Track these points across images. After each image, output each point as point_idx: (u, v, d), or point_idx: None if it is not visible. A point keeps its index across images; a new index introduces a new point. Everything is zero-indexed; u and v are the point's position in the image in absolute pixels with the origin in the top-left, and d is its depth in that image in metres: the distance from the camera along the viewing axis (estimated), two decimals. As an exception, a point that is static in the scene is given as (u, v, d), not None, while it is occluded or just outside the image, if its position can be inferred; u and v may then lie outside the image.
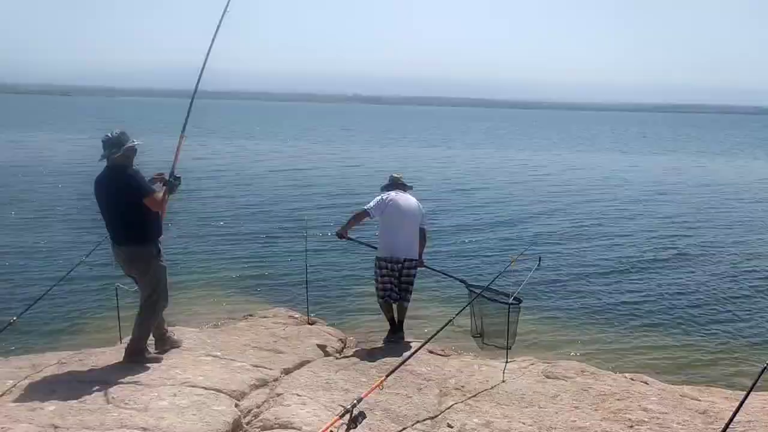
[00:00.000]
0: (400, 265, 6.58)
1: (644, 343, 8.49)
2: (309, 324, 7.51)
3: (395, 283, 6.65)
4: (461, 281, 7.11)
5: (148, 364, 5.39)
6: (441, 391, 5.36)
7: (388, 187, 6.86)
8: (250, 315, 7.92)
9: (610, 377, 5.81)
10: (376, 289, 6.76)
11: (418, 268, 6.81)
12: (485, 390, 5.38)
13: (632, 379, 5.92)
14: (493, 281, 6.30)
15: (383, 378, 4.35)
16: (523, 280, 6.58)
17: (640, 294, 10.67)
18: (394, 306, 6.79)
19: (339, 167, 29.75)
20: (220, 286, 10.53)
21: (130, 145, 5.25)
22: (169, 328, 6.04)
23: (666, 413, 4.93)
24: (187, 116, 5.69)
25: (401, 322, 6.89)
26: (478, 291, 6.43)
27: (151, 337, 5.71)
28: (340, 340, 7.13)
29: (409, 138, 55.00)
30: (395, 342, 6.76)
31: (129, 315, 8.03)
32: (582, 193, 23.21)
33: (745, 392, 5.80)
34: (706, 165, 36.85)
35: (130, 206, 5.21)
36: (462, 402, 5.10)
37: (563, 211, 19.03)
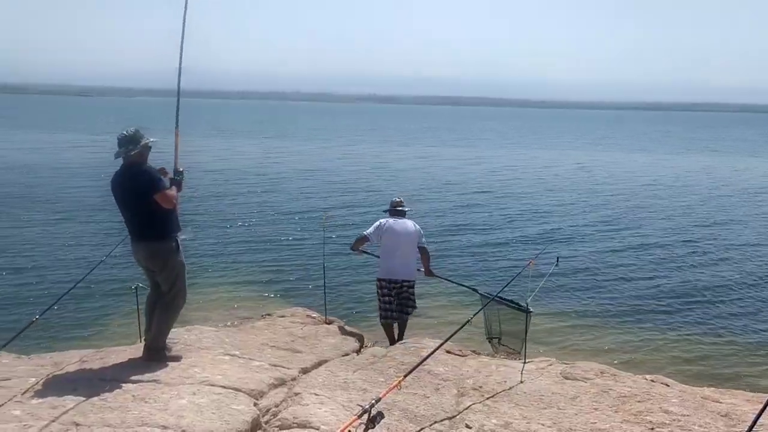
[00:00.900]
0: (398, 286, 7.22)
1: (663, 344, 8.42)
2: (326, 323, 7.53)
3: (394, 302, 7.26)
4: (473, 289, 7.81)
5: (167, 363, 5.43)
6: (459, 391, 5.34)
7: (388, 212, 7.45)
8: (268, 314, 7.95)
9: (630, 379, 5.75)
10: (378, 308, 7.41)
11: (434, 278, 7.57)
12: (503, 390, 5.35)
13: (652, 381, 5.85)
14: (510, 282, 6.30)
15: (401, 378, 4.35)
16: (541, 281, 6.55)
17: (658, 294, 10.59)
18: (395, 325, 7.40)
19: (359, 167, 29.79)
20: (238, 285, 10.60)
21: (145, 142, 5.29)
22: (173, 341, 5.88)
23: (687, 415, 4.88)
24: (177, 112, 5.63)
25: (401, 335, 7.39)
26: (490, 296, 6.78)
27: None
28: (358, 339, 7.13)
29: (429, 138, 54.80)
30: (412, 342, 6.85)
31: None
32: (601, 192, 23.11)
33: None
34: (731, 164, 36.31)
35: (145, 203, 5.20)
36: (480, 402, 5.08)
37: (582, 210, 18.95)
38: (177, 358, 5.57)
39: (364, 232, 7.31)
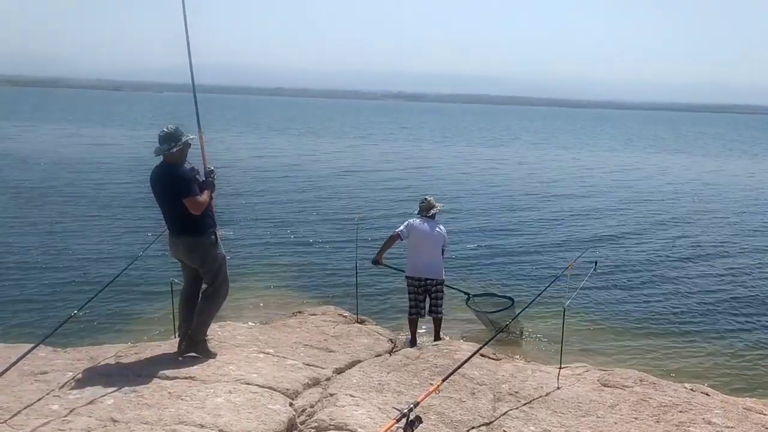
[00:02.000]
0: (423, 283, 7.53)
1: (701, 352, 8.22)
2: (358, 323, 7.50)
3: (422, 300, 7.60)
4: (464, 293, 8.90)
5: (204, 358, 5.45)
6: (494, 396, 5.26)
7: (419, 212, 7.70)
8: (299, 312, 7.94)
9: (671, 387, 5.60)
10: (408, 306, 7.75)
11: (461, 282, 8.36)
12: (540, 396, 5.26)
13: (692, 390, 5.71)
14: (548, 286, 6.24)
15: (440, 382, 4.29)
16: (579, 284, 6.44)
17: (697, 301, 10.35)
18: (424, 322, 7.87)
19: (394, 165, 29.70)
20: (269, 282, 10.62)
21: (186, 139, 5.33)
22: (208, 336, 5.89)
23: (732, 428, 4.75)
24: (197, 115, 5.66)
25: (436, 334, 7.73)
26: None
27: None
28: (390, 340, 7.09)
29: (464, 138, 54.43)
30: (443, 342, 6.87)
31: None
32: (644, 195, 22.62)
33: (814, 408, 5.60)
34: None
35: (180, 202, 5.24)
36: (517, 408, 4.99)
37: (623, 214, 18.62)
38: (213, 354, 5.60)
39: (396, 230, 7.57)
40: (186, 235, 5.40)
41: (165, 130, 5.30)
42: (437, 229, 7.55)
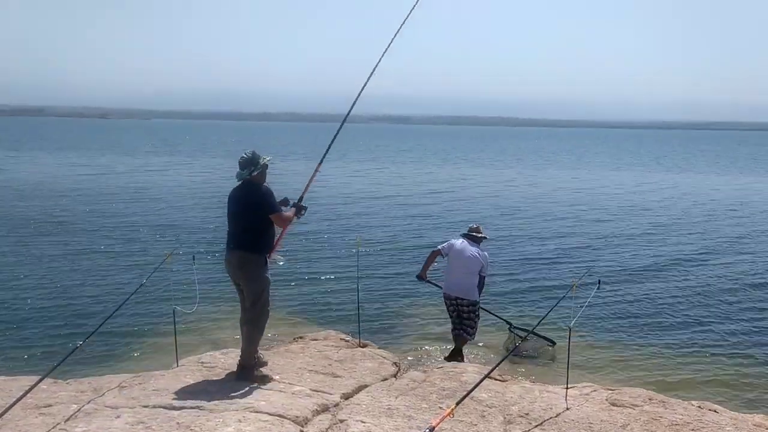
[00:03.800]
0: (455, 302, 7.87)
1: (707, 369, 8.20)
2: (361, 347, 7.45)
3: (455, 316, 7.93)
4: (507, 322, 8.93)
5: (229, 384, 5.48)
6: (505, 418, 5.23)
7: (464, 235, 8.12)
8: (300, 337, 7.88)
9: (681, 405, 5.59)
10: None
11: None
12: (550, 418, 5.23)
13: (701, 408, 5.70)
14: (553, 308, 6.25)
15: (453, 406, 4.26)
16: (583, 304, 6.45)
17: (700, 316, 10.35)
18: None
19: (394, 186, 29.65)
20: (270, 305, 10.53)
21: (264, 162, 5.72)
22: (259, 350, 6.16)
23: (744, 445, 4.73)
24: (328, 148, 6.52)
25: (454, 351, 7.93)
26: (522, 333, 8.26)
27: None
28: (395, 363, 7.02)
29: (459, 157, 54.54)
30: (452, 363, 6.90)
31: (186, 338, 8.15)
32: (644, 214, 22.58)
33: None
34: None
35: (256, 217, 5.60)
36: (528, 431, 4.96)
37: (625, 233, 18.59)
38: (266, 379, 5.73)
39: (438, 246, 8.11)
40: (242, 250, 5.63)
41: (244, 156, 5.69)
42: (476, 253, 7.86)
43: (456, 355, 7.84)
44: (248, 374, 5.70)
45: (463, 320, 7.86)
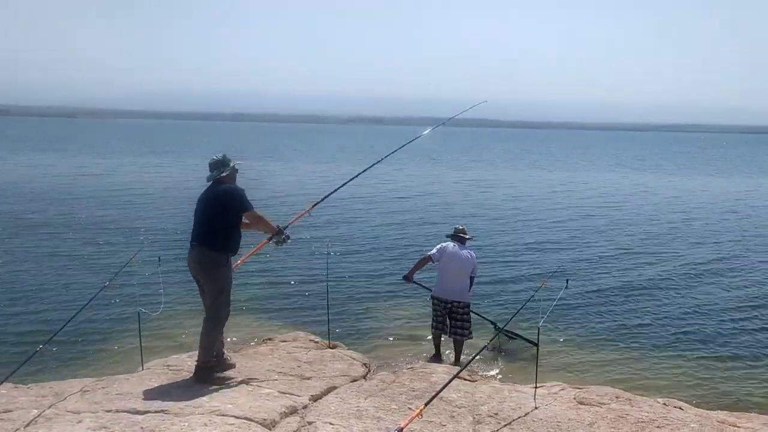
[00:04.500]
0: (449, 305, 7.90)
1: (673, 367, 8.29)
2: (330, 348, 7.40)
3: (445, 319, 7.96)
4: (493, 323, 8.90)
5: (174, 391, 5.31)
6: (474, 418, 5.22)
7: (451, 237, 8.23)
8: (270, 339, 7.80)
9: (646, 403, 5.65)
10: (431, 321, 8.17)
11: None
12: (519, 417, 5.24)
13: (665, 405, 5.78)
14: (522, 307, 6.28)
15: (423, 407, 4.25)
16: (552, 303, 6.49)
17: (667, 315, 10.47)
18: (446, 339, 8.13)
19: (362, 186, 29.46)
20: (236, 307, 10.40)
21: (234, 164, 5.81)
22: (225, 350, 6.13)
23: (709, 441, 4.79)
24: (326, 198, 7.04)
25: (457, 357, 7.97)
26: (501, 329, 8.16)
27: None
28: (364, 364, 6.99)
29: (432, 158, 54.57)
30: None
31: (151, 341, 8.00)
32: (614, 214, 22.79)
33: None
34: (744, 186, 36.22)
35: (223, 216, 5.60)
36: (497, 430, 4.97)
37: (595, 232, 18.75)
38: (225, 380, 5.64)
39: (428, 253, 8.09)
40: (204, 247, 5.59)
41: (214, 158, 5.79)
42: (468, 255, 7.99)
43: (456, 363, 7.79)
44: (206, 375, 5.60)
45: (459, 322, 7.94)
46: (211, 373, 5.64)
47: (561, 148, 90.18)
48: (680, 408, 5.71)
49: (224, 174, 5.72)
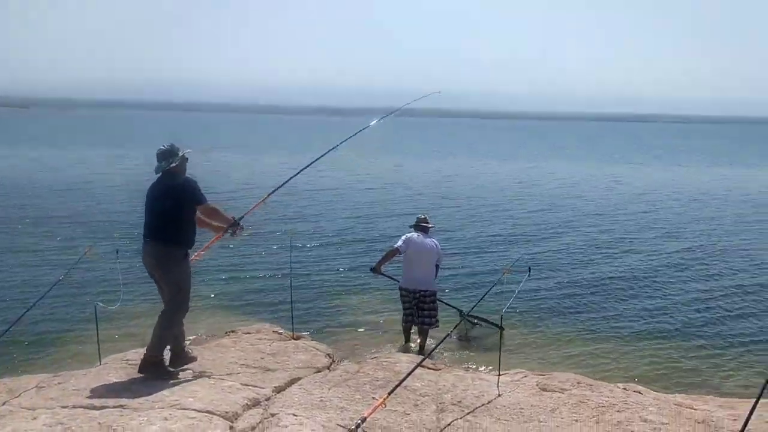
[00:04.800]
0: (417, 295, 7.97)
1: (632, 352, 8.46)
2: (294, 339, 7.34)
3: (414, 309, 8.04)
4: (457, 309, 8.90)
5: (134, 387, 5.19)
6: (438, 407, 5.24)
7: (414, 227, 8.31)
8: (233, 331, 7.71)
9: (607, 388, 5.75)
10: (402, 313, 8.28)
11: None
12: (482, 405, 5.28)
13: (625, 389, 5.89)
14: (486, 294, 6.33)
15: (386, 396, 4.24)
16: (515, 291, 6.55)
17: (627, 304, 10.66)
18: (416, 329, 8.21)
19: (325, 178, 29.35)
20: (198, 301, 10.25)
21: (183, 154, 5.55)
22: (187, 344, 6.02)
23: (666, 424, 4.90)
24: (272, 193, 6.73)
25: (422, 345, 8.06)
26: (469, 317, 8.43)
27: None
28: (328, 355, 6.95)
29: (400, 150, 54.54)
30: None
31: (108, 335, 7.82)
32: (577, 204, 23.04)
33: (739, 400, 5.87)
34: (715, 175, 36.91)
35: (176, 207, 5.39)
36: (461, 418, 4.99)
37: (558, 221, 18.98)
38: (175, 375, 5.48)
39: (395, 245, 8.11)
40: (160, 242, 5.42)
41: (162, 148, 5.50)
42: (433, 244, 8.09)
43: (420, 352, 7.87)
44: (152, 369, 5.39)
45: (426, 311, 8.03)
46: (156, 368, 5.42)
47: (521, 138, 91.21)
48: (639, 392, 5.83)
49: (174, 165, 5.48)
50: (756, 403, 3.95)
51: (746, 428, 3.85)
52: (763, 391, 4.00)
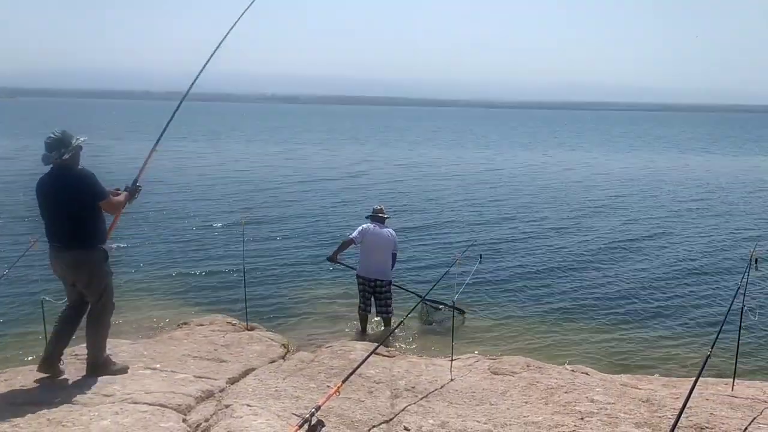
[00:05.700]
0: (373, 284, 8.26)
1: (579, 335, 8.74)
2: (248, 330, 7.32)
3: (369, 298, 8.36)
4: (417, 295, 8.99)
5: (82, 381, 5.10)
6: (392, 393, 5.31)
7: (370, 218, 8.46)
8: (185, 323, 7.63)
9: (555, 370, 5.92)
10: (358, 302, 8.56)
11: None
12: (436, 390, 5.37)
13: (573, 371, 6.06)
14: (438, 281, 6.41)
15: (340, 384, 4.27)
16: (466, 278, 6.66)
17: (575, 288, 10.97)
18: (377, 319, 8.60)
19: (277, 166, 29.18)
20: (150, 292, 10.12)
21: (77, 143, 4.95)
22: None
23: (612, 403, 5.06)
24: (166, 126, 5.71)
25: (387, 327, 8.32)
26: (429, 302, 8.70)
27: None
28: (283, 345, 6.96)
29: (347, 137, 54.46)
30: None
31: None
32: (525, 191, 23.51)
33: (680, 378, 6.11)
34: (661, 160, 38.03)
35: (80, 208, 4.92)
36: (415, 403, 5.07)
37: (509, 208, 19.31)
38: (124, 370, 5.35)
39: (350, 236, 8.30)
40: (75, 249, 4.98)
41: (52, 136, 4.88)
42: (389, 234, 8.29)
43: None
44: (102, 370, 5.24)
45: (383, 300, 8.32)
46: (104, 368, 5.27)
47: (476, 126, 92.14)
48: (586, 374, 6.01)
49: (66, 156, 4.85)
50: (695, 381, 4.15)
51: (687, 405, 4.02)
52: (702, 370, 4.20)
